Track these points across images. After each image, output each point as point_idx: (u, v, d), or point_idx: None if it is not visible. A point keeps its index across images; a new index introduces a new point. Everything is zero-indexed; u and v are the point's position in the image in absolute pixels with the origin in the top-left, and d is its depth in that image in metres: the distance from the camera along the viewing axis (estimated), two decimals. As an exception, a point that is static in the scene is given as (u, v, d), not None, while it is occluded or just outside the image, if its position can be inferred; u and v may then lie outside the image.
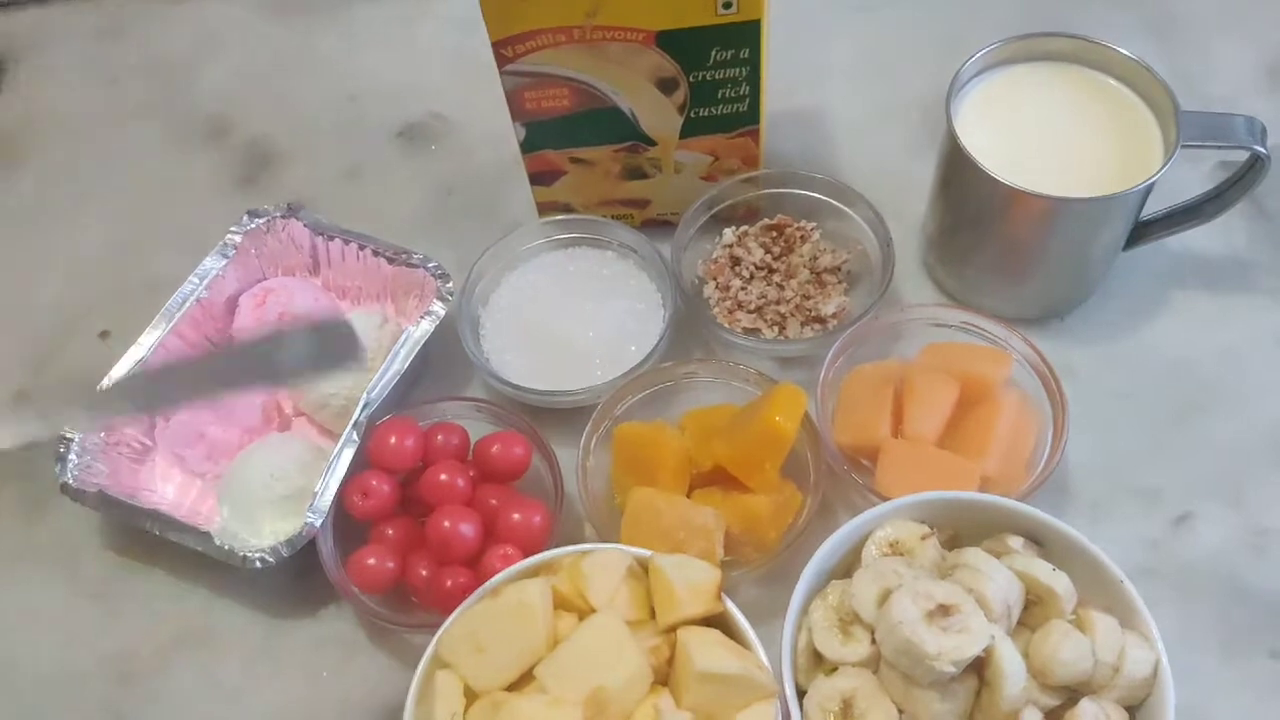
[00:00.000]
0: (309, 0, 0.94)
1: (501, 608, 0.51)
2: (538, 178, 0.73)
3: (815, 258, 0.72)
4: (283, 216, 0.74)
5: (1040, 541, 0.55)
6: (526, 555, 0.58)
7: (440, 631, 0.52)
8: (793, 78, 0.81)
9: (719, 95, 0.66)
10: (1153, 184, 0.61)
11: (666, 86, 0.65)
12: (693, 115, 0.67)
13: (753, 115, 0.68)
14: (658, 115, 0.67)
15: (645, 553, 0.54)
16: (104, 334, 0.77)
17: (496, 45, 0.62)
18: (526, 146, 0.70)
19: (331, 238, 0.74)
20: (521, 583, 0.52)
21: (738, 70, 0.64)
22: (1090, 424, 0.66)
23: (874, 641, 0.51)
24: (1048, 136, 0.65)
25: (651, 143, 0.69)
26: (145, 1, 0.95)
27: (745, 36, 0.62)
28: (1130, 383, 0.69)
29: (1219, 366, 0.70)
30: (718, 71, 0.64)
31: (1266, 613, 0.61)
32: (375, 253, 0.73)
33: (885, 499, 0.58)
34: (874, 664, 0.51)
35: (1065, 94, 0.66)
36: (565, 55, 0.63)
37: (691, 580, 0.52)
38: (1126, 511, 0.65)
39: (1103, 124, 0.65)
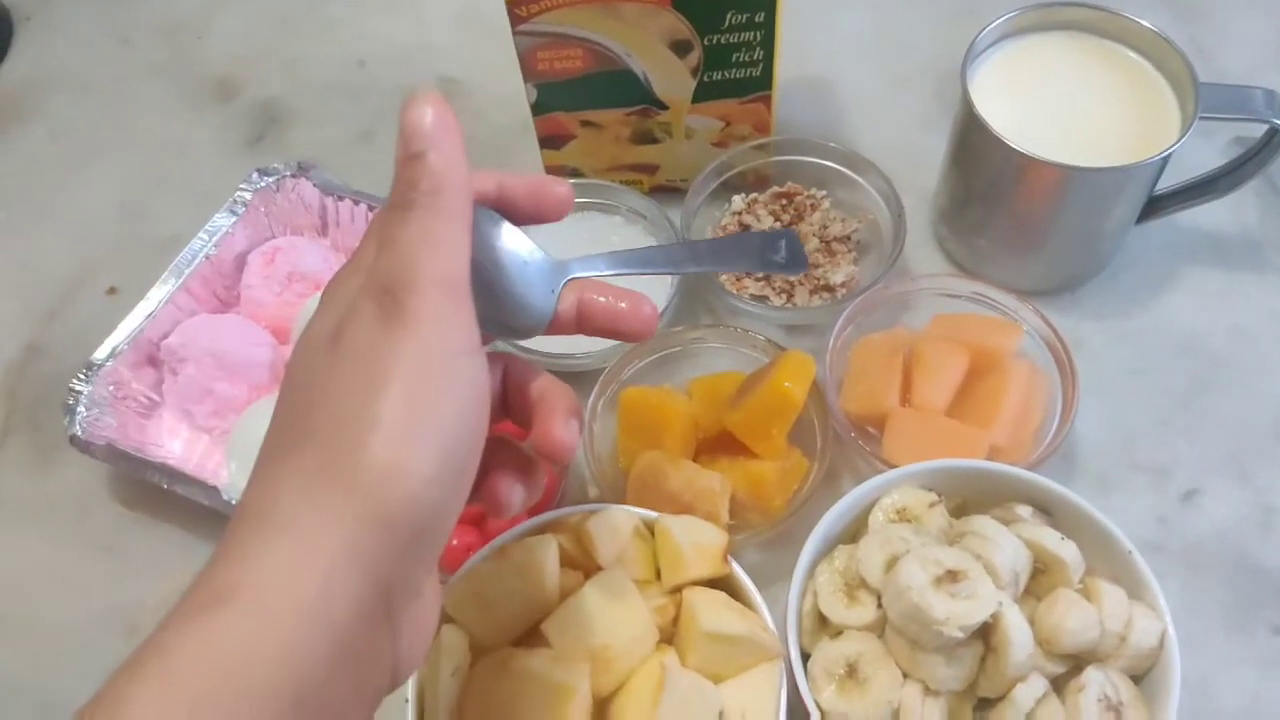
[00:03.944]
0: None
1: (508, 565, 0.51)
2: (547, 141, 0.73)
3: (825, 226, 0.72)
4: (292, 175, 0.74)
5: (1048, 511, 0.55)
6: (532, 516, 0.57)
7: (446, 589, 0.52)
8: (807, 45, 0.81)
9: (733, 59, 0.65)
10: (1169, 155, 0.61)
11: (680, 49, 0.65)
12: (706, 79, 0.67)
13: (766, 80, 0.67)
14: (670, 78, 0.67)
15: (652, 514, 0.54)
16: (111, 290, 0.77)
17: (511, 4, 0.62)
18: (538, 108, 0.70)
19: (341, 198, 0.74)
20: (528, 540, 0.52)
21: (752, 34, 0.64)
22: (1099, 398, 0.66)
23: (880, 606, 0.51)
24: (1064, 106, 0.64)
25: (663, 106, 0.69)
26: (155, -40, 0.95)
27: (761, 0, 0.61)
28: (1140, 357, 0.69)
29: (1229, 343, 0.69)
30: (732, 35, 0.64)
31: (1272, 588, 0.61)
32: (384, 214, 0.72)
33: (892, 467, 0.58)
34: (879, 629, 0.51)
35: (1082, 64, 0.66)
36: (580, 15, 0.62)
37: (698, 542, 0.52)
38: (1134, 486, 0.64)
39: (1119, 95, 0.65)
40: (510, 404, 0.41)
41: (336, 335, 0.33)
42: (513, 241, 0.38)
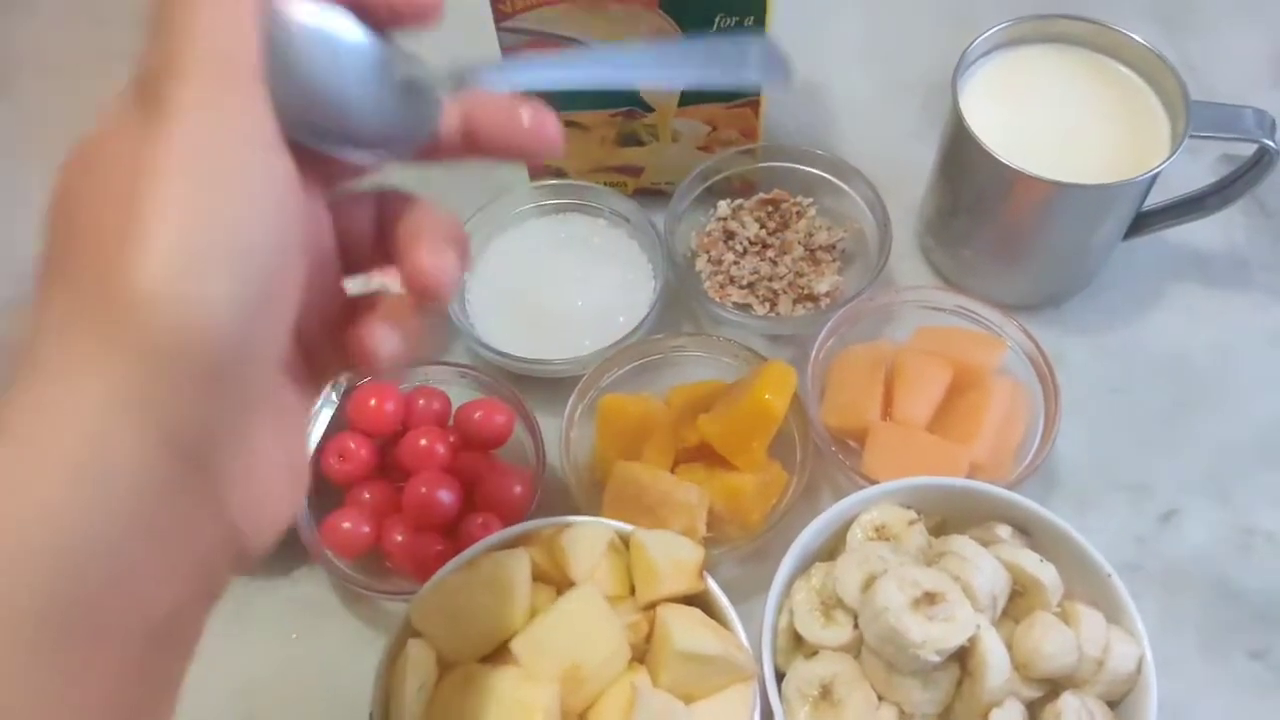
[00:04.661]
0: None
1: (478, 578, 0.50)
2: (531, 141, 0.71)
3: (810, 234, 0.71)
4: (268, 169, 0.73)
5: (1028, 532, 0.55)
6: (506, 525, 0.56)
7: (414, 600, 0.51)
8: (798, 49, 0.79)
9: (721, 63, 0.64)
10: (1158, 173, 0.60)
11: (667, 52, 0.63)
12: (693, 83, 0.66)
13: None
14: (657, 81, 0.66)
15: (627, 527, 0.53)
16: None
17: (494, 0, 0.61)
18: (521, 108, 0.68)
19: (317, 194, 0.72)
20: (499, 554, 0.51)
21: (741, 38, 0.63)
22: (1081, 415, 0.65)
23: (856, 626, 0.50)
24: (1054, 120, 0.64)
25: (649, 109, 0.68)
26: (134, -58, 0.93)
27: (750, 3, 0.60)
28: (1123, 375, 0.68)
29: (1213, 362, 0.69)
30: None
31: (1249, 612, 0.60)
32: (362, 211, 0.71)
33: (872, 482, 0.57)
34: (855, 649, 0.51)
35: (1074, 78, 0.65)
36: (564, 14, 0.61)
37: (673, 557, 0.51)
38: (1114, 505, 0.64)
39: (1110, 110, 0.64)
40: (389, 247, 0.35)
41: (97, 148, 0.28)
42: (358, 36, 0.32)
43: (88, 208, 0.27)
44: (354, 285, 0.36)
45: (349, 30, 0.32)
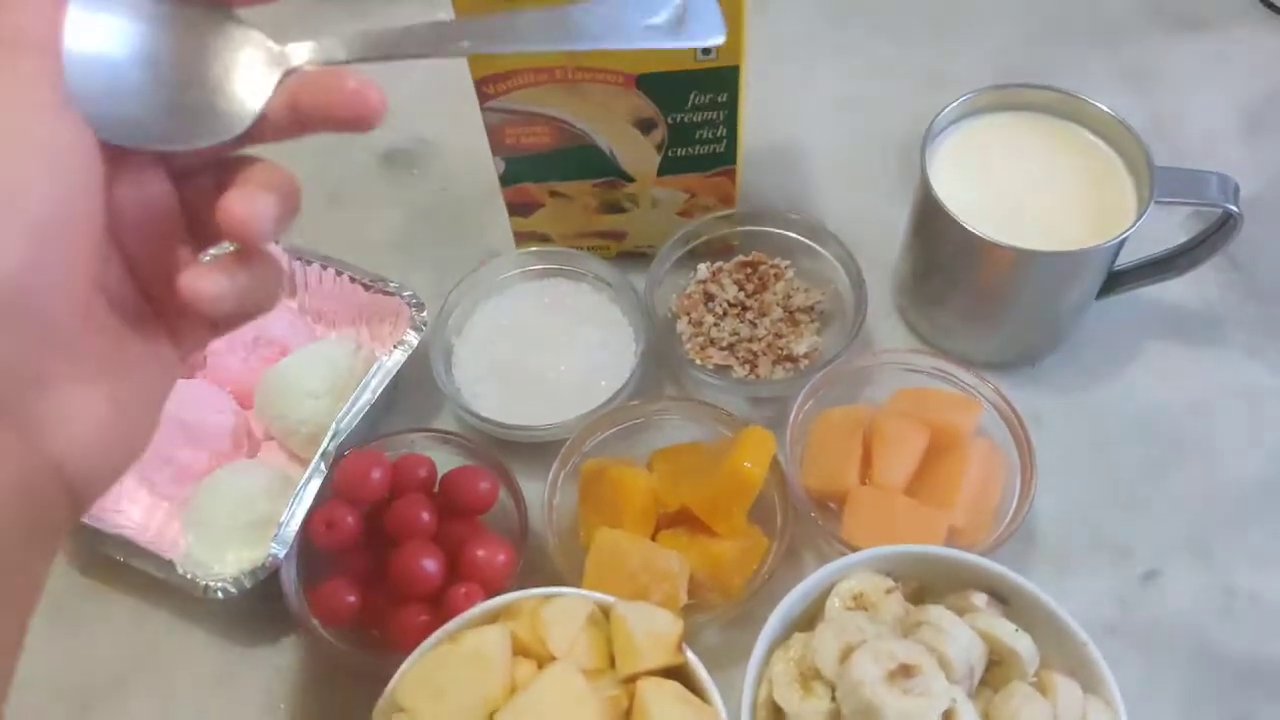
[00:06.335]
0: (294, 19, 0.93)
1: (460, 654, 0.50)
2: (516, 209, 0.73)
3: (789, 296, 0.72)
4: (258, 239, 0.74)
5: (1005, 599, 0.55)
6: (489, 594, 0.57)
7: (398, 675, 0.52)
8: (770, 115, 0.81)
9: (696, 136, 0.66)
10: (1125, 239, 0.61)
11: (645, 126, 0.65)
12: (670, 154, 0.67)
13: (729, 155, 0.68)
14: (636, 154, 0.67)
15: (608, 599, 0.54)
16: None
17: (478, 83, 0.62)
18: (506, 179, 0.70)
19: (310, 262, 0.73)
20: (481, 629, 0.51)
21: (715, 113, 0.64)
22: (1059, 475, 0.66)
23: (834, 698, 0.51)
24: (1021, 187, 0.65)
25: (629, 179, 0.69)
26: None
27: (724, 82, 0.62)
28: (1100, 434, 0.69)
29: (1190, 420, 0.70)
30: (696, 114, 0.64)
31: (1231, 677, 0.61)
32: (352, 279, 0.72)
33: (852, 548, 0.58)
34: (833, 720, 0.51)
35: (1040, 145, 0.67)
36: (546, 95, 0.63)
37: (652, 631, 0.52)
38: (1093, 566, 0.64)
39: (1077, 176, 0.65)
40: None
41: None
42: (186, 21, 0.32)
43: None
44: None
45: (215, 27, 0.32)
